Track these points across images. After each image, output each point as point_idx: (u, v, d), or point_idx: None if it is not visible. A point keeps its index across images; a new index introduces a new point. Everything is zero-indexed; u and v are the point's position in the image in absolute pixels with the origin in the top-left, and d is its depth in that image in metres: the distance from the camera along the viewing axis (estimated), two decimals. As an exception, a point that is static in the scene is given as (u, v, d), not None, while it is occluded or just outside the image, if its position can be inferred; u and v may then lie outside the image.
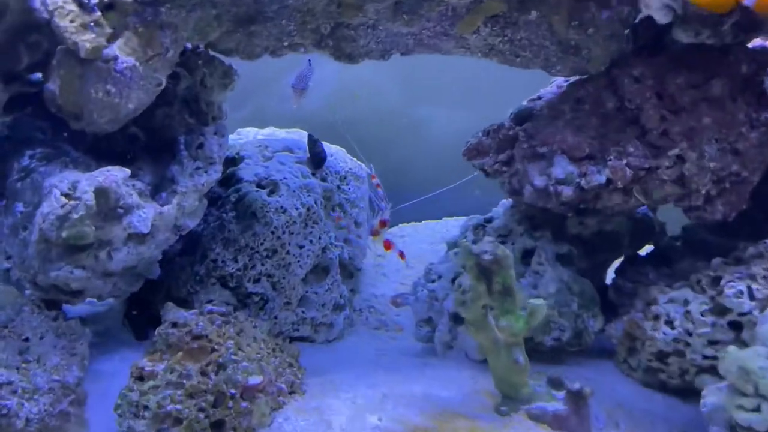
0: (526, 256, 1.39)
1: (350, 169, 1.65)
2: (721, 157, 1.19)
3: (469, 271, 1.15)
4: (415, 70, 1.59)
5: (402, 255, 1.25)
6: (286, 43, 1.20)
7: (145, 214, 1.08)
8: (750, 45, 1.25)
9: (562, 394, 1.24)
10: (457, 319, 1.44)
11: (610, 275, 1.58)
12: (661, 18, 1.13)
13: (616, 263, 1.57)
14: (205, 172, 1.19)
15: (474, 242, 1.35)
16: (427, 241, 2.30)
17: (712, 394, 1.12)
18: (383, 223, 1.29)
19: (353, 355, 1.53)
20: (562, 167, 1.21)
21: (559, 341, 1.36)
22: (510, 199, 1.48)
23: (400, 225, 2.28)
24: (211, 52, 1.35)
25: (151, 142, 1.23)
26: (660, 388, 1.35)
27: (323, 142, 1.65)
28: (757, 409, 1.03)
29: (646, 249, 1.55)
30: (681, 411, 1.34)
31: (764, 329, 1.11)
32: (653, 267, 1.40)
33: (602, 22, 1.21)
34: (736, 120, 1.20)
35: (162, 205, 1.12)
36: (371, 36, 1.21)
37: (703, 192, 1.21)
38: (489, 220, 1.52)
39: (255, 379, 1.18)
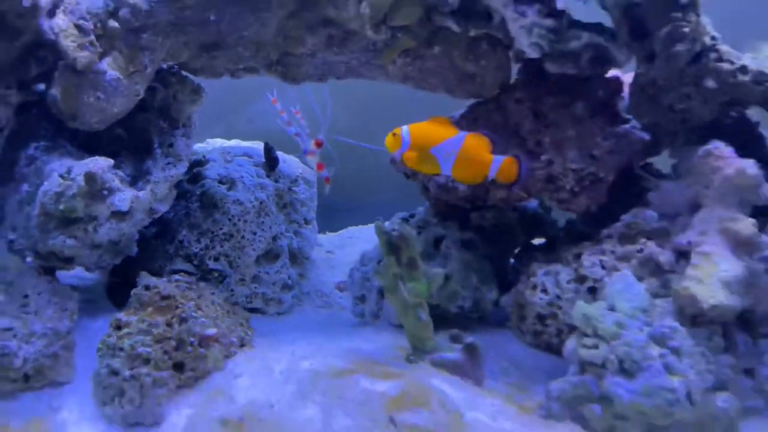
0: (438, 242, 1.71)
1: (301, 173, 1.96)
2: (581, 161, 1.53)
3: (382, 246, 1.46)
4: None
5: (327, 180, 1.52)
6: (241, 66, 1.52)
7: (125, 196, 1.37)
8: (606, 74, 1.59)
9: (459, 346, 1.55)
10: (382, 293, 1.75)
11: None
12: (531, 53, 1.47)
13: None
14: (174, 166, 1.49)
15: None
16: (372, 241, 2.61)
17: (570, 341, 1.44)
18: (318, 143, 1.58)
19: (297, 324, 1.82)
20: (453, 169, 1.54)
21: (462, 309, 1.68)
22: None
23: (348, 228, 2.60)
24: (184, 72, 1.67)
25: (132, 141, 1.53)
26: (546, 349, 1.65)
27: (278, 151, 1.96)
28: (596, 347, 1.36)
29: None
30: (563, 367, 1.66)
31: (607, 289, 1.44)
32: (542, 252, 1.73)
33: (492, 56, 1.55)
34: (592, 132, 1.53)
35: (138, 191, 1.42)
36: (311, 63, 1.54)
37: (568, 188, 1.54)
38: (412, 216, 1.83)
39: (210, 331, 1.47)
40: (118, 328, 1.42)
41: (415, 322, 1.50)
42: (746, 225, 1.35)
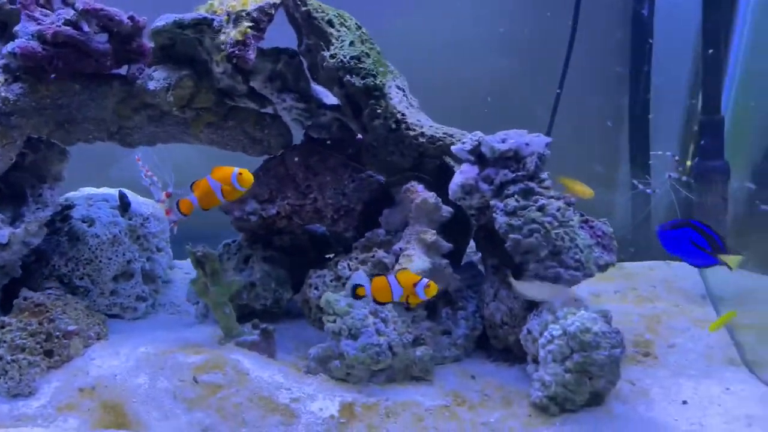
0: (247, 259, 2.35)
1: (152, 212, 2.57)
2: (336, 198, 2.22)
3: (191, 262, 2.09)
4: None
5: (168, 212, 2.15)
6: (90, 136, 2.13)
7: (4, 233, 1.96)
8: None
9: (258, 331, 2.19)
10: (209, 299, 2.37)
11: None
12: (294, 124, 2.16)
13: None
14: (42, 210, 2.07)
15: (220, 254, 2.34)
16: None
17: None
18: (168, 194, 2.22)
19: (148, 326, 2.38)
20: (251, 206, 2.21)
21: (265, 306, 2.31)
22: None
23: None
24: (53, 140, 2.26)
25: (9, 192, 2.10)
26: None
27: (132, 196, 2.57)
28: (334, 321, 2.02)
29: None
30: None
31: (348, 282, 2.11)
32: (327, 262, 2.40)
33: (274, 126, 2.23)
34: (343, 178, 2.23)
35: (15, 229, 2.00)
36: (140, 133, 2.16)
37: (329, 217, 2.23)
38: (234, 241, 2.47)
39: (72, 327, 2.05)
40: (2, 327, 1.98)
41: (223, 315, 2.13)
42: (431, 235, 2.07)
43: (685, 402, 1.91)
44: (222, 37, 1.94)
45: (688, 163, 2.56)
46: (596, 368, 1.78)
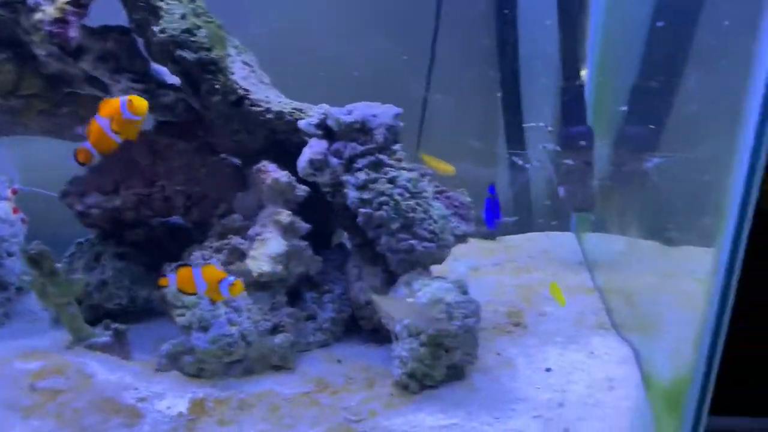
0: (98, 256, 2.19)
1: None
2: (187, 183, 2.09)
3: (26, 262, 1.92)
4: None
5: (16, 210, 1.97)
6: None
7: None
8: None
9: (110, 332, 2.04)
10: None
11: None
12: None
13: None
14: None
15: (70, 255, 2.18)
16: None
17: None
18: (14, 191, 2.03)
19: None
20: (93, 198, 2.05)
21: (120, 305, 2.16)
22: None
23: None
24: None
25: None
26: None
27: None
28: (183, 314, 1.90)
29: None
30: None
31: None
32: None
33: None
34: (194, 162, 2.10)
35: None
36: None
37: (181, 205, 2.10)
38: (87, 239, 2.31)
39: None
40: None
41: (68, 317, 1.97)
42: (286, 216, 1.97)
43: (549, 369, 1.88)
44: (38, 16, 1.78)
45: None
46: (450, 339, 1.72)
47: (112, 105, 1.71)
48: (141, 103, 1.71)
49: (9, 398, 1.75)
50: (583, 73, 2.44)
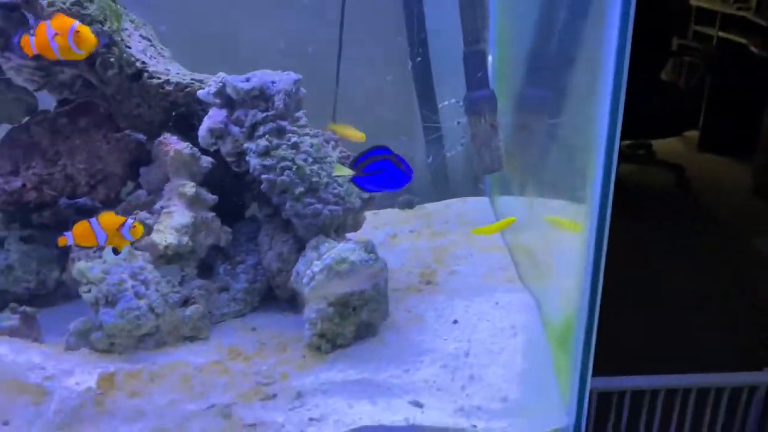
0: (2, 241, 2.15)
1: None
2: (90, 161, 2.06)
3: None
4: None
5: None
6: None
7: None
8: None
9: (17, 315, 2.00)
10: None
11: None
12: (30, 86, 1.98)
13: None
14: None
15: None
16: None
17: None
18: None
19: None
20: (-9, 178, 2.01)
21: (29, 289, 2.12)
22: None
23: None
24: None
25: None
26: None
27: None
28: (89, 291, 1.88)
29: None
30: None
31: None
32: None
33: (9, 92, 2.03)
34: (96, 139, 2.08)
35: None
36: None
37: (84, 183, 2.07)
38: (-7, 223, 2.26)
39: None
40: None
41: (-32, 302, 1.93)
42: (190, 187, 1.96)
43: (455, 321, 1.94)
44: None
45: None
46: (356, 298, 1.77)
47: (64, 21, 1.61)
48: (89, 37, 1.62)
49: None
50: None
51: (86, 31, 1.62)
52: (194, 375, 1.79)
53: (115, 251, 1.77)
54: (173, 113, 2.03)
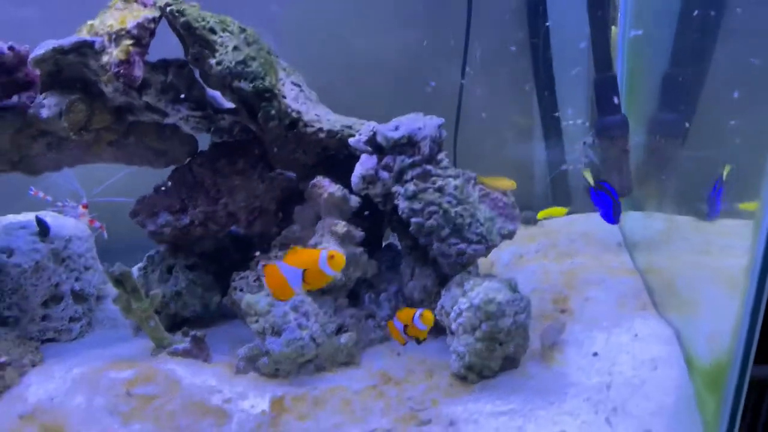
0: (171, 269, 2.39)
1: (74, 233, 2.58)
2: (248, 200, 2.25)
3: (110, 282, 2.13)
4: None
5: (102, 227, 2.22)
6: (-6, 169, 2.14)
7: None
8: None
9: (189, 339, 2.24)
10: (140, 312, 2.41)
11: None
12: (195, 133, 2.18)
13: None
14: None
15: (143, 268, 2.37)
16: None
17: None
18: (85, 206, 2.27)
19: (84, 345, 2.41)
20: (164, 218, 2.23)
21: (195, 312, 2.37)
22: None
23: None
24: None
25: None
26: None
27: (54, 218, 2.58)
28: (257, 321, 2.08)
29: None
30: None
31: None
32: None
33: (175, 137, 2.25)
34: (253, 179, 2.26)
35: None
36: (44, 159, 2.17)
37: (244, 219, 2.27)
38: (158, 252, 2.50)
39: (2, 359, 2.08)
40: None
41: (150, 329, 2.17)
42: (342, 226, 2.12)
43: (596, 354, 2.02)
44: (105, 58, 1.94)
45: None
46: (503, 335, 1.88)
47: (310, 256, 1.58)
48: (340, 260, 1.59)
49: (109, 405, 1.96)
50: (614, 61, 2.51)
51: (339, 257, 1.59)
52: (353, 399, 1.96)
53: (418, 341, 1.83)
54: (323, 156, 2.19)
